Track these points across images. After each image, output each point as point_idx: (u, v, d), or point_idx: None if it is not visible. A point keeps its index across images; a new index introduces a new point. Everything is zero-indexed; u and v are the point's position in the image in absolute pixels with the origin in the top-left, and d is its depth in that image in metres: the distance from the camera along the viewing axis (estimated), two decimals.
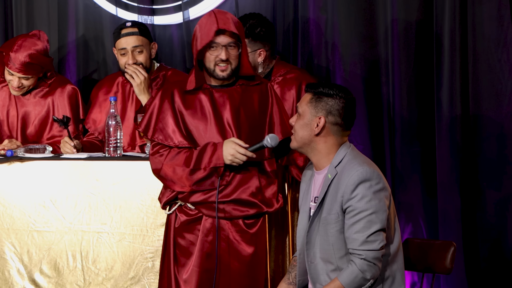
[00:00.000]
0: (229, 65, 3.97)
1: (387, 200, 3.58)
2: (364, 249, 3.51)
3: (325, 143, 3.68)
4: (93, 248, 4.52)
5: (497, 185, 5.06)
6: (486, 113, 5.06)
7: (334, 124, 3.66)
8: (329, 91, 3.66)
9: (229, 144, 3.92)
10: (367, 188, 3.54)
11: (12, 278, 4.59)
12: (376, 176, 3.57)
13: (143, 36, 5.00)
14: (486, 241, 5.08)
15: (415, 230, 5.20)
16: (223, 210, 3.98)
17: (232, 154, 3.90)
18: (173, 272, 4.05)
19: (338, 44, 5.29)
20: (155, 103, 4.06)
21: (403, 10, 5.19)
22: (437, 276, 5.03)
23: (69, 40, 5.75)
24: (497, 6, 5.01)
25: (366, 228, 3.52)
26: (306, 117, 3.68)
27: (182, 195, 4.02)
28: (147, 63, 5.01)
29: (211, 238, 4.00)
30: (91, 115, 5.16)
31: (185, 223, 4.05)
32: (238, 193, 3.98)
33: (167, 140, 4.01)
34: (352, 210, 3.54)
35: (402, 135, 5.21)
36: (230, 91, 4.02)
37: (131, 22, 5.05)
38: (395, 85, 5.20)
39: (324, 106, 3.66)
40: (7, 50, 5.02)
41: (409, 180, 5.21)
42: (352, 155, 3.66)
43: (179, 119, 4.01)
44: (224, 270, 4.01)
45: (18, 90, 5.10)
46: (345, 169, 3.61)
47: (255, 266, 4.04)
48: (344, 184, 3.56)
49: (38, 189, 4.55)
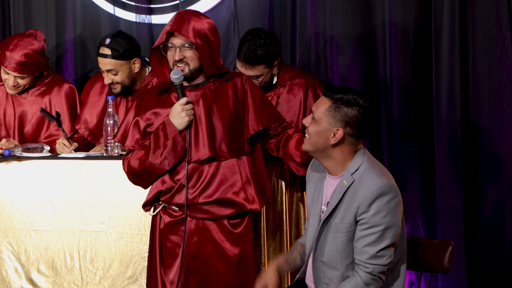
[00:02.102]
0: (187, 66, 3.98)
1: (401, 214, 3.53)
2: (372, 263, 3.46)
3: (341, 152, 3.54)
4: (90, 247, 4.51)
5: (495, 184, 5.06)
6: (485, 111, 5.06)
7: (351, 135, 3.52)
8: (349, 99, 3.47)
9: (170, 113, 3.95)
10: (385, 203, 3.45)
11: (10, 278, 4.58)
12: (394, 190, 3.48)
13: (117, 59, 4.90)
14: (485, 240, 5.08)
15: (413, 229, 5.20)
16: (207, 211, 3.98)
17: (176, 116, 3.92)
18: (159, 273, 4.05)
19: (335, 44, 5.29)
20: (129, 113, 4.09)
21: (401, 9, 5.18)
22: (435, 275, 5.03)
23: (66, 38, 5.75)
24: (496, 4, 5.01)
25: (377, 243, 3.46)
26: (323, 125, 3.52)
27: (165, 197, 4.01)
28: (124, 81, 4.96)
29: (196, 239, 4.00)
30: (81, 115, 5.14)
31: (169, 224, 4.04)
32: (220, 192, 3.97)
33: (140, 146, 4.03)
34: (365, 223, 3.47)
35: (400, 133, 5.21)
36: (202, 89, 4.03)
37: (109, 39, 4.93)
38: (393, 84, 5.20)
39: (343, 117, 3.48)
40: (3, 49, 5.02)
41: (407, 179, 5.21)
42: (368, 163, 3.54)
43: (151, 123, 4.02)
44: (210, 271, 4.01)
45: (13, 89, 5.10)
46: (363, 179, 3.50)
47: (241, 266, 4.03)
48: (362, 195, 3.47)
49: (36, 188, 4.54)
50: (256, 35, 4.74)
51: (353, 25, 5.27)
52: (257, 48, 4.69)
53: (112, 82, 4.95)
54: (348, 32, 5.28)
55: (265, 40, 4.70)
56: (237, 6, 5.45)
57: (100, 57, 4.93)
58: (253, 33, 4.78)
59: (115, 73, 4.93)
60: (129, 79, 4.98)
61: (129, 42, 4.95)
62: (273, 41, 4.73)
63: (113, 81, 4.95)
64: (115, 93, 4.99)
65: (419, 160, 5.21)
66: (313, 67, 5.34)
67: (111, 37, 4.94)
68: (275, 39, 4.77)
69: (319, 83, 4.92)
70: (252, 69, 4.70)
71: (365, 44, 5.27)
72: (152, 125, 4.02)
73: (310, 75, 5.04)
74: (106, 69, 4.92)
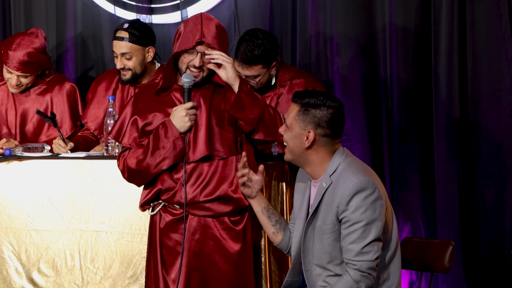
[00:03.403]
0: (201, 73, 3.98)
1: (383, 208, 3.56)
2: (359, 260, 3.50)
3: (317, 154, 3.64)
4: (91, 247, 4.51)
5: (495, 184, 5.06)
6: (485, 111, 5.06)
7: (324, 136, 3.61)
8: (316, 102, 3.59)
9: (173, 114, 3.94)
10: (362, 199, 3.52)
11: (10, 277, 4.59)
12: (371, 185, 3.53)
13: (133, 43, 4.95)
14: (485, 240, 5.08)
15: (414, 229, 5.20)
16: (208, 208, 3.99)
17: (179, 119, 3.91)
18: (160, 272, 4.05)
19: (336, 43, 5.29)
20: (125, 108, 4.08)
21: (401, 8, 5.19)
22: (436, 275, 5.03)
23: (67, 38, 5.75)
24: (496, 3, 5.01)
25: (361, 239, 3.51)
26: (295, 130, 3.63)
27: (166, 196, 4.02)
28: (136, 68, 4.99)
29: (198, 236, 4.01)
30: (88, 110, 5.16)
31: (170, 223, 4.05)
32: (220, 190, 3.99)
33: (137, 145, 4.02)
34: (347, 221, 3.53)
35: (401, 134, 5.21)
36: (202, 90, 4.03)
37: (128, 24, 5.00)
38: (393, 84, 5.20)
39: (312, 119, 3.60)
40: (6, 48, 5.03)
41: (408, 179, 5.22)
42: (346, 163, 3.61)
43: (150, 122, 4.02)
44: (213, 268, 4.02)
45: (16, 88, 5.12)
46: (340, 178, 3.58)
47: (242, 262, 4.05)
48: (340, 195, 3.54)
49: (36, 188, 4.55)
50: (254, 35, 4.75)
51: (353, 25, 5.28)
52: (254, 48, 4.69)
53: (124, 67, 4.96)
54: (348, 32, 5.28)
55: (263, 40, 4.71)
56: (237, 6, 5.45)
57: (116, 41, 4.96)
58: (251, 33, 4.78)
59: (129, 57, 4.95)
60: (141, 67, 5.00)
61: (146, 29, 5.03)
62: (271, 42, 4.74)
63: (125, 66, 4.96)
64: (124, 79, 5.00)
65: (419, 160, 5.21)
66: (313, 67, 5.35)
67: (129, 22, 5.02)
68: (273, 39, 4.77)
69: (319, 83, 4.92)
70: (249, 69, 4.71)
71: (365, 44, 5.27)
72: (150, 124, 4.02)
73: (310, 75, 5.04)
74: (121, 52, 4.94)
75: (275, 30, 5.39)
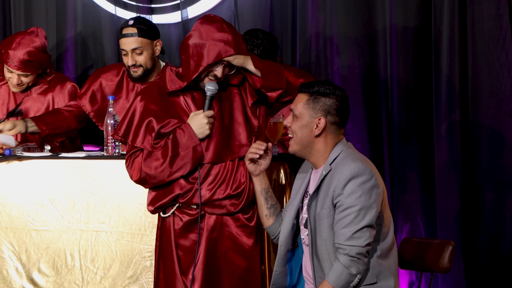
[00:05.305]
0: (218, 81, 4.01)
1: (379, 197, 3.57)
2: (349, 245, 3.51)
3: (325, 142, 3.68)
4: (91, 247, 4.52)
5: (495, 184, 5.06)
6: (485, 112, 5.07)
7: (333, 123, 3.66)
8: (325, 90, 3.65)
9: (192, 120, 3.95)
10: (358, 184, 3.54)
11: (10, 277, 4.59)
12: (368, 172, 3.56)
13: (142, 37, 4.95)
14: (485, 240, 5.08)
15: (413, 229, 5.20)
16: (225, 206, 4.01)
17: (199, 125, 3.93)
18: (178, 274, 4.04)
19: (336, 44, 5.29)
20: (134, 107, 4.05)
21: (401, 9, 5.19)
22: (435, 275, 5.04)
23: (67, 38, 5.75)
24: (496, 5, 5.02)
25: (354, 224, 3.52)
26: (305, 118, 3.66)
27: (185, 198, 4.01)
28: (147, 63, 4.99)
29: (215, 235, 4.02)
30: (89, 91, 5.11)
31: (187, 223, 4.05)
32: (235, 187, 4.00)
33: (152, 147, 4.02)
34: (341, 205, 3.54)
35: (401, 134, 5.21)
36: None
37: (133, 20, 4.99)
38: (393, 84, 5.21)
39: (322, 107, 3.64)
40: (6, 47, 5.04)
41: (407, 179, 5.22)
42: (347, 152, 3.66)
43: (165, 124, 4.02)
44: (228, 266, 4.03)
45: (17, 87, 5.13)
46: (339, 165, 3.61)
47: (254, 258, 4.07)
48: (336, 179, 3.57)
49: (36, 188, 4.55)
50: (254, 35, 4.76)
51: (353, 25, 5.28)
52: (253, 48, 4.70)
53: (135, 63, 4.95)
54: (348, 32, 5.28)
55: (263, 40, 4.72)
56: (237, 6, 5.46)
57: (124, 38, 4.95)
58: (251, 33, 4.79)
59: (140, 52, 4.95)
60: (151, 61, 5.00)
61: (151, 24, 5.04)
62: (270, 42, 4.74)
63: (136, 62, 4.96)
64: (135, 76, 4.99)
65: (419, 160, 5.21)
66: (313, 67, 5.35)
67: (133, 19, 5.01)
68: (272, 40, 4.78)
69: None
70: None
71: (365, 45, 5.28)
72: (165, 127, 4.00)
73: (310, 75, 5.05)
74: (131, 48, 4.93)
75: (275, 30, 5.39)
